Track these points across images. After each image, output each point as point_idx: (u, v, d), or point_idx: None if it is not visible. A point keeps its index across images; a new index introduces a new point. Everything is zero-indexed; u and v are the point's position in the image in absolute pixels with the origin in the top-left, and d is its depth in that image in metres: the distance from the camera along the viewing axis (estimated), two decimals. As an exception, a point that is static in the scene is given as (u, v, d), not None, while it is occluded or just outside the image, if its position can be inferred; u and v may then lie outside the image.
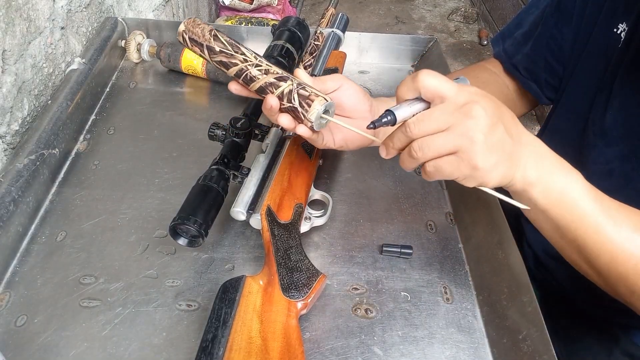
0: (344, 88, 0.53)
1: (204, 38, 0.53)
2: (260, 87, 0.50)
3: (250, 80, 0.51)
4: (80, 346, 0.50)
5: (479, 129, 0.40)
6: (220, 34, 0.53)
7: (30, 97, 0.72)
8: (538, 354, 0.47)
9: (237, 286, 0.48)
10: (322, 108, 0.47)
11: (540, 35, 0.65)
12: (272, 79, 0.49)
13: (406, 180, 0.71)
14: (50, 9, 0.75)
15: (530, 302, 0.50)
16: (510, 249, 0.56)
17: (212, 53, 0.53)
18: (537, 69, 0.67)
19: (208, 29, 0.53)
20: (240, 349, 0.44)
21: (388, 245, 0.60)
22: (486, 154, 0.40)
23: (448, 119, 0.40)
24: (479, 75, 0.71)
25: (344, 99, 0.53)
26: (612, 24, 0.57)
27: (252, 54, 0.52)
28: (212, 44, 0.52)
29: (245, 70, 0.51)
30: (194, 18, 0.55)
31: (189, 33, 0.53)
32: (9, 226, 0.57)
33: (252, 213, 0.55)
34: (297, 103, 0.48)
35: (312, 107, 0.47)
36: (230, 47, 0.52)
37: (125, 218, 0.62)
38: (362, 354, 0.51)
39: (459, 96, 0.41)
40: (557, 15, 0.64)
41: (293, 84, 0.49)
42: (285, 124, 0.49)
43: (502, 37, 0.73)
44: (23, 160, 0.61)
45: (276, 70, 0.50)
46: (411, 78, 0.42)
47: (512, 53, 0.70)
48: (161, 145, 0.73)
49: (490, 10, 2.83)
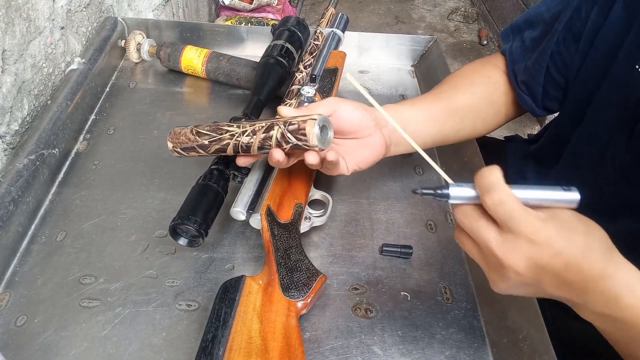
0: (340, 110, 0.52)
1: (191, 140, 0.54)
2: (259, 146, 0.50)
3: (247, 147, 0.51)
4: (80, 346, 0.50)
5: (501, 281, 0.39)
6: (199, 127, 0.54)
7: (30, 97, 0.72)
8: (538, 354, 0.47)
9: (237, 286, 0.48)
10: (316, 127, 0.47)
11: (545, 48, 0.64)
12: (262, 135, 0.49)
13: (406, 180, 0.71)
14: (50, 8, 0.75)
15: (530, 302, 0.50)
16: (510, 248, 0.56)
17: (205, 148, 0.54)
18: (534, 83, 0.66)
19: (189, 131, 0.54)
20: (240, 348, 0.44)
21: (388, 245, 0.60)
22: (500, 288, 0.41)
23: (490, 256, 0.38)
24: (490, 74, 0.70)
25: (343, 121, 0.52)
26: (633, 61, 0.55)
27: (234, 125, 0.52)
28: (199, 141, 0.54)
29: (238, 143, 0.51)
30: (173, 129, 0.56)
31: (178, 145, 0.55)
32: (9, 226, 0.57)
33: (252, 213, 0.55)
34: (294, 140, 0.48)
35: (307, 133, 0.47)
36: (214, 133, 0.53)
37: (125, 218, 0.62)
38: (362, 353, 0.51)
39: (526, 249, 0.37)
40: (566, 30, 0.62)
41: (280, 126, 0.48)
42: (311, 162, 0.49)
43: (511, 32, 0.71)
44: (23, 160, 0.61)
45: (259, 124, 0.50)
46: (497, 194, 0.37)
47: (517, 58, 0.68)
48: (161, 145, 0.73)
49: (490, 10, 2.83)
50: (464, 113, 0.64)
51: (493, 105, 0.68)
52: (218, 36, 0.92)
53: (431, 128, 0.62)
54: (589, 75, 0.62)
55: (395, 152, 0.59)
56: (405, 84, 0.90)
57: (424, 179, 0.72)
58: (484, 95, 0.67)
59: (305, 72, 0.71)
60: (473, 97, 0.66)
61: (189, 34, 0.92)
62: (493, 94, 0.68)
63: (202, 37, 0.92)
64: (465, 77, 0.68)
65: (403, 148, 0.59)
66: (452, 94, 0.65)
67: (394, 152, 0.59)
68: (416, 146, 0.44)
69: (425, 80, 0.90)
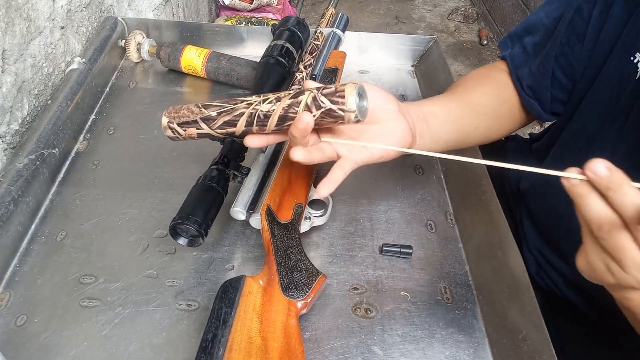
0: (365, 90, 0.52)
1: (194, 113, 0.48)
2: (281, 116, 0.45)
3: (265, 117, 0.45)
4: (80, 346, 0.50)
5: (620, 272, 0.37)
6: (208, 102, 0.48)
7: (30, 96, 0.72)
8: (538, 354, 0.47)
9: (237, 286, 0.48)
10: (356, 91, 0.43)
11: (549, 51, 0.64)
12: (289, 101, 0.44)
13: (406, 180, 0.71)
14: (50, 8, 0.75)
15: (530, 302, 0.50)
16: (510, 249, 0.56)
17: (211, 121, 0.47)
18: (541, 88, 0.65)
19: (193, 105, 0.48)
20: (240, 348, 0.44)
21: (388, 245, 0.60)
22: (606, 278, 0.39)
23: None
24: (498, 76, 0.70)
25: (369, 101, 0.50)
26: (629, 52, 0.56)
27: (253, 96, 0.47)
28: (205, 113, 0.47)
29: (255, 112, 0.45)
30: (171, 106, 0.50)
31: (175, 120, 0.49)
32: (9, 226, 0.57)
33: (252, 213, 0.55)
34: (328, 103, 0.43)
35: (346, 95, 0.43)
36: (226, 103, 0.47)
37: (125, 218, 0.62)
38: (362, 353, 0.51)
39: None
40: (569, 32, 0.62)
41: (313, 91, 0.44)
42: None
43: (510, 40, 0.71)
44: (23, 160, 0.61)
45: (286, 92, 0.46)
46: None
47: (519, 63, 0.68)
48: (161, 145, 0.73)
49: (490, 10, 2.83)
50: (479, 109, 0.64)
51: (505, 103, 0.67)
52: (218, 36, 0.92)
53: (450, 123, 0.60)
54: (590, 73, 0.62)
55: (420, 144, 0.56)
56: (405, 84, 0.90)
57: (424, 179, 0.72)
58: (495, 93, 0.67)
59: (305, 72, 0.71)
60: (485, 95, 0.66)
61: (189, 34, 0.92)
62: (504, 92, 0.68)
63: (202, 37, 0.92)
64: (474, 79, 0.69)
65: (428, 142, 0.57)
66: (465, 93, 0.65)
67: (419, 145, 0.56)
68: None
69: (425, 80, 0.90)
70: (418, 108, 0.57)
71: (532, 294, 0.51)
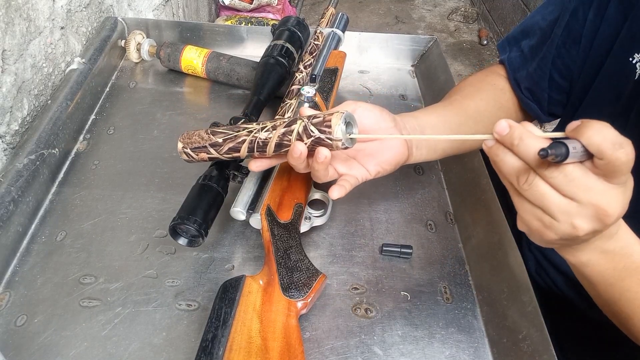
0: (359, 111, 0.52)
1: (204, 140, 0.52)
2: (277, 143, 0.48)
3: (264, 145, 0.49)
4: (80, 346, 0.50)
5: (584, 231, 0.39)
6: (216, 128, 0.52)
7: (30, 96, 0.72)
8: (538, 354, 0.47)
9: (237, 286, 0.48)
10: (342, 120, 0.45)
11: (547, 53, 0.64)
12: (283, 129, 0.48)
13: (406, 180, 0.71)
14: (50, 8, 0.75)
15: (530, 302, 0.50)
16: (510, 249, 0.56)
17: (218, 146, 0.51)
18: (539, 90, 0.66)
19: (203, 131, 0.53)
20: (240, 348, 0.44)
21: (388, 245, 0.60)
22: (555, 242, 0.41)
23: (593, 204, 0.37)
24: (495, 82, 0.70)
25: (362, 121, 0.52)
26: (627, 53, 0.56)
27: (253, 124, 0.50)
28: (213, 139, 0.51)
29: (254, 140, 0.49)
30: (186, 132, 0.54)
31: (189, 145, 0.53)
32: (9, 226, 0.57)
33: (252, 213, 0.55)
34: (317, 132, 0.46)
35: (333, 125, 0.45)
36: (230, 130, 0.51)
37: (125, 218, 0.62)
38: (362, 353, 0.51)
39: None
40: (565, 34, 0.63)
41: (304, 120, 0.47)
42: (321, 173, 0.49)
43: (508, 43, 0.71)
44: (23, 160, 0.61)
45: (282, 120, 0.49)
46: (618, 144, 0.35)
47: (517, 66, 0.68)
48: (161, 145, 0.73)
49: (490, 10, 2.83)
50: (477, 117, 0.64)
51: (502, 109, 0.68)
52: (218, 36, 0.92)
53: (448, 132, 0.61)
54: (589, 75, 0.62)
55: (417, 156, 0.58)
56: (405, 84, 0.90)
57: (424, 179, 0.72)
58: (492, 99, 0.68)
59: (305, 72, 0.71)
60: (482, 102, 0.66)
61: (189, 34, 0.92)
62: (501, 98, 0.69)
63: (202, 37, 0.92)
64: (471, 86, 0.69)
65: (425, 152, 0.58)
66: (462, 101, 0.65)
67: (416, 156, 0.58)
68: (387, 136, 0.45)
69: (425, 80, 0.90)
70: (415, 120, 0.59)
71: (532, 294, 0.51)
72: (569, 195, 0.37)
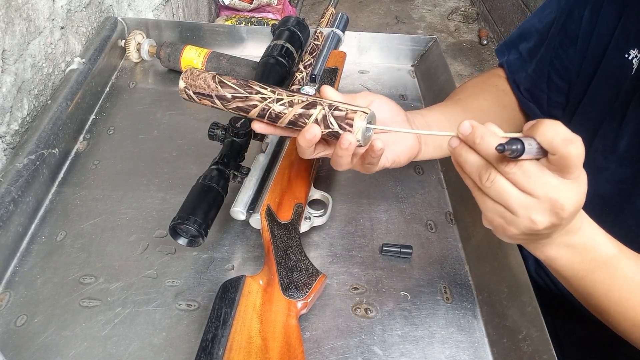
0: (376, 104, 0.52)
1: (210, 88, 0.48)
2: (291, 120, 0.46)
3: (277, 117, 0.46)
4: (80, 346, 0.50)
5: (540, 226, 0.39)
6: (225, 77, 0.49)
7: (30, 96, 0.72)
8: (538, 353, 0.47)
9: (237, 286, 0.48)
10: (364, 123, 0.44)
11: (544, 55, 0.65)
12: (300, 110, 0.45)
13: (406, 180, 0.71)
14: (49, 8, 0.75)
15: (530, 302, 0.51)
16: (510, 249, 0.56)
17: (225, 101, 0.48)
18: (538, 90, 0.67)
19: (210, 77, 0.49)
20: (240, 348, 0.44)
21: (388, 245, 0.60)
22: (518, 238, 0.42)
23: (547, 199, 0.38)
24: (497, 83, 0.71)
25: (378, 114, 0.51)
26: (623, 50, 0.57)
27: (268, 89, 0.47)
28: (221, 92, 0.48)
29: (267, 109, 0.46)
30: (190, 69, 0.50)
31: (192, 88, 0.49)
32: (9, 226, 0.57)
33: (252, 213, 0.55)
34: (336, 126, 0.44)
35: (355, 125, 0.44)
36: (242, 90, 0.48)
37: (125, 218, 0.62)
38: (362, 353, 0.51)
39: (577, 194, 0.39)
40: (562, 35, 0.63)
41: (325, 108, 0.45)
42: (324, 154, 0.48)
43: (506, 47, 0.72)
44: (23, 160, 0.61)
45: (300, 98, 0.46)
46: (569, 140, 0.36)
47: (516, 68, 0.69)
48: (161, 145, 0.73)
49: (490, 10, 2.83)
50: (481, 116, 0.64)
51: (505, 108, 0.69)
52: (218, 36, 0.92)
53: (453, 130, 0.62)
54: (587, 74, 0.62)
55: (425, 153, 0.58)
56: (405, 83, 0.90)
57: (424, 179, 0.72)
58: (494, 100, 0.68)
59: (305, 72, 0.71)
60: (486, 102, 0.67)
61: (189, 34, 0.92)
62: (503, 99, 0.69)
63: (202, 37, 0.92)
64: (475, 87, 0.69)
65: (432, 149, 0.58)
66: (466, 100, 0.66)
67: (424, 153, 0.58)
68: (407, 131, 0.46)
69: (425, 80, 0.90)
70: (423, 117, 0.59)
71: (532, 294, 0.51)
72: (527, 191, 0.38)
